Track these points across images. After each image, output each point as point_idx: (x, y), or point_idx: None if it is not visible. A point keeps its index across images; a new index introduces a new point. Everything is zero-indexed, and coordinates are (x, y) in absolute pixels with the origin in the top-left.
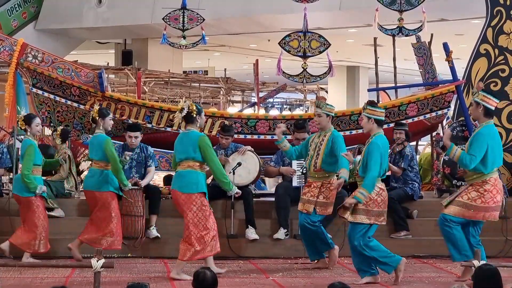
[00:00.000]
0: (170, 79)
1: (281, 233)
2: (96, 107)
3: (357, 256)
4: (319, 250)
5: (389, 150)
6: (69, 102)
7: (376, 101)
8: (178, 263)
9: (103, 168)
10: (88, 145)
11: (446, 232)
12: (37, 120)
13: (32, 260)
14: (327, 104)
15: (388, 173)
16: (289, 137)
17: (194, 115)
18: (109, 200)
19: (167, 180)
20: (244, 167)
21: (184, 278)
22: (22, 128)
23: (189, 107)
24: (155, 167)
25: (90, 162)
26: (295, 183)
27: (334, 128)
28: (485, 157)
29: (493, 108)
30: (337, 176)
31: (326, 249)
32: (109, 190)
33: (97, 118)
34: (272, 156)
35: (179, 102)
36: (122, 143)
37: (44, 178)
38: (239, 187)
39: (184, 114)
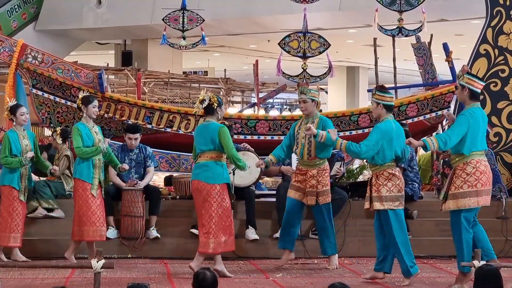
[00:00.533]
0: (170, 80)
1: None
2: (81, 94)
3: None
4: (292, 239)
5: None
6: (69, 103)
7: (385, 87)
8: (198, 255)
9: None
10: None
11: (458, 234)
12: (22, 109)
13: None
14: (311, 89)
15: None
16: None
17: (215, 107)
18: (75, 188)
19: (168, 181)
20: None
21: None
22: (9, 118)
23: (210, 98)
24: (155, 167)
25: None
26: None
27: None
28: (464, 138)
29: (478, 90)
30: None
31: (330, 252)
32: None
33: (80, 105)
34: None
35: (200, 95)
36: (121, 143)
37: (44, 179)
38: (240, 188)
39: (205, 105)
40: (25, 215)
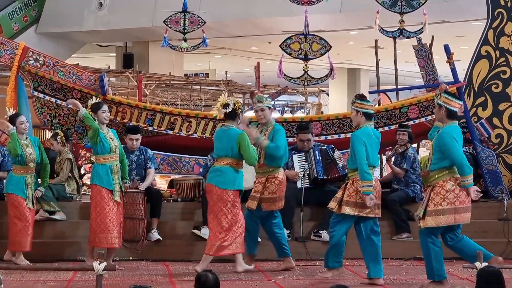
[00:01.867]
0: (171, 82)
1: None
2: (90, 101)
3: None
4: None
5: (391, 152)
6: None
7: (365, 96)
8: (205, 257)
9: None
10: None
11: (426, 248)
12: (22, 118)
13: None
14: (267, 97)
15: (388, 173)
16: (290, 139)
17: (238, 113)
18: (93, 194)
19: (171, 184)
20: (249, 171)
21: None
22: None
23: (234, 104)
24: (155, 169)
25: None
26: (299, 184)
27: (336, 130)
28: (447, 156)
29: (456, 109)
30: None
31: (282, 255)
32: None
33: (90, 112)
34: None
35: (220, 97)
36: (122, 145)
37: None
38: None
39: (229, 110)
40: (34, 220)
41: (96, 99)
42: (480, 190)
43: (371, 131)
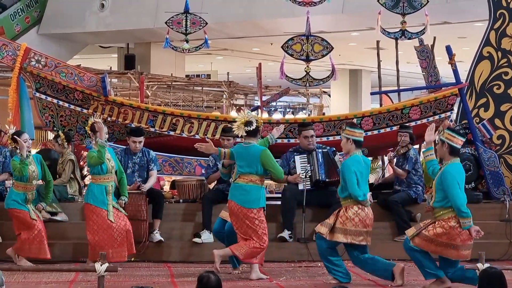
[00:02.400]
0: (173, 83)
1: (285, 233)
2: (91, 120)
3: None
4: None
5: (392, 153)
6: (72, 107)
7: (358, 124)
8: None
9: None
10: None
11: (412, 255)
12: (24, 136)
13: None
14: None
15: (390, 174)
16: (292, 140)
17: (260, 130)
18: (88, 213)
19: (173, 185)
20: None
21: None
22: (12, 146)
23: (257, 121)
24: (158, 170)
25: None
26: (301, 186)
27: (338, 131)
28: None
29: (459, 146)
30: None
31: (235, 266)
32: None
33: (89, 132)
34: (278, 160)
35: (240, 114)
36: (124, 147)
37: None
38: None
39: (253, 129)
40: (44, 229)
41: (95, 117)
42: (479, 230)
43: (361, 158)
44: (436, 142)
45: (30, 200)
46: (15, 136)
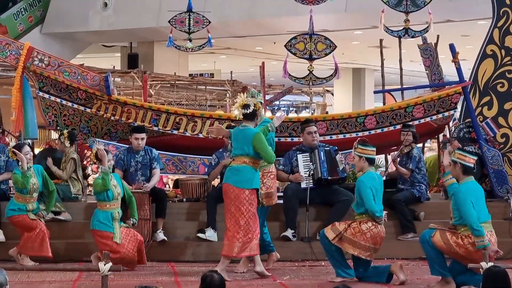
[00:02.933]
0: (176, 82)
1: (289, 232)
2: (94, 149)
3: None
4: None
5: (396, 152)
6: (75, 106)
7: (367, 141)
8: (223, 259)
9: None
10: None
11: (426, 249)
12: (26, 149)
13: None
14: (258, 92)
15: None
16: (296, 139)
17: (258, 114)
18: (96, 239)
19: (177, 184)
20: None
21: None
22: (14, 158)
23: (255, 105)
24: (160, 169)
25: None
26: (303, 184)
27: (341, 130)
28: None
29: (471, 165)
30: None
31: (266, 251)
32: None
33: (95, 160)
34: (280, 158)
35: (240, 96)
36: (127, 146)
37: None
38: None
39: (250, 111)
40: (47, 230)
41: (98, 144)
42: (498, 251)
43: (375, 175)
44: (449, 164)
45: (29, 211)
46: (15, 150)
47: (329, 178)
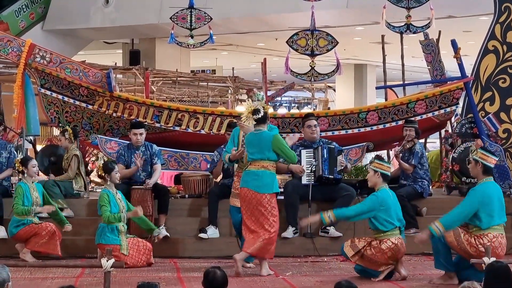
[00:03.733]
0: (178, 79)
1: (289, 232)
2: (99, 163)
3: None
4: None
5: (398, 148)
6: (77, 102)
7: (383, 157)
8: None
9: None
10: None
11: (434, 242)
12: (33, 162)
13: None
14: (262, 95)
15: (396, 169)
16: (298, 135)
17: (268, 115)
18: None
19: (177, 179)
20: None
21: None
22: (20, 170)
23: (264, 108)
24: (162, 164)
25: None
26: (304, 181)
27: (343, 126)
28: (478, 214)
29: (492, 165)
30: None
31: None
32: None
33: (103, 174)
34: None
35: (246, 102)
36: (127, 142)
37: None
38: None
39: (260, 116)
40: (56, 229)
41: (104, 159)
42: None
43: (389, 192)
44: (469, 162)
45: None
46: (21, 167)
47: (329, 176)
